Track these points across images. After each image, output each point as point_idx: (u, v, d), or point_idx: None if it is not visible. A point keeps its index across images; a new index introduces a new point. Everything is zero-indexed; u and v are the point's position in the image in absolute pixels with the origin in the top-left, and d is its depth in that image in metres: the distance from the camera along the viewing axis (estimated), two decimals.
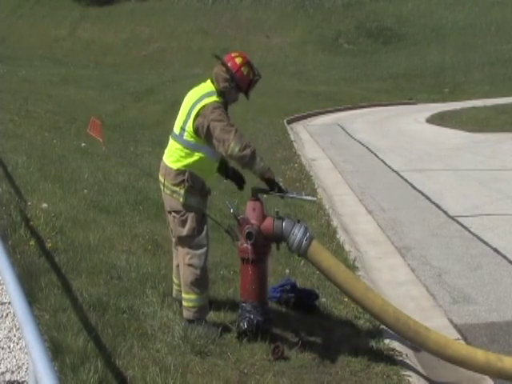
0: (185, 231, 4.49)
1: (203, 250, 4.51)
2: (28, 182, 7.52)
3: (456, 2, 55.10)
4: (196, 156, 4.45)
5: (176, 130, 4.56)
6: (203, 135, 4.39)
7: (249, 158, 4.34)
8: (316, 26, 53.21)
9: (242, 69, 4.46)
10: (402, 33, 51.47)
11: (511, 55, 44.68)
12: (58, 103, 16.72)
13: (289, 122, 21.54)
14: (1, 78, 20.38)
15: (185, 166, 4.45)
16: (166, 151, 4.65)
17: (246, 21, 54.07)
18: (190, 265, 4.51)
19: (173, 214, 4.54)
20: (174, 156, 4.54)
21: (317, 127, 21.67)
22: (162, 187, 4.60)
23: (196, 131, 4.41)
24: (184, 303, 4.60)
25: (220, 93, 4.46)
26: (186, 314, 4.58)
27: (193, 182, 4.44)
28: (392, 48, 49.44)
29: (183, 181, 4.44)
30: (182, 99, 4.65)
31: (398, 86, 40.02)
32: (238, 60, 4.48)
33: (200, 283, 4.51)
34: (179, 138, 4.51)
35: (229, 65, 4.46)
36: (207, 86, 4.55)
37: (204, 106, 4.40)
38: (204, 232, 4.53)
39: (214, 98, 4.44)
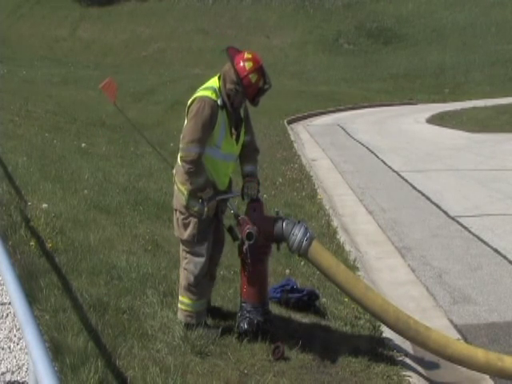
0: (185, 235, 4.39)
1: (201, 260, 4.41)
2: (28, 182, 7.51)
3: (456, 2, 55.12)
4: None
5: None
6: None
7: (186, 173, 4.22)
8: (316, 26, 53.24)
9: (250, 76, 4.17)
10: (402, 33, 51.49)
11: (511, 55, 44.69)
12: (59, 103, 16.73)
13: (289, 123, 21.55)
14: (1, 79, 20.40)
15: None
16: None
17: (246, 21, 54.10)
18: (185, 269, 4.48)
19: (177, 213, 4.44)
20: None
21: (317, 127, 21.67)
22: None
23: None
24: (178, 304, 4.60)
25: (226, 94, 4.26)
26: (179, 315, 4.58)
27: None
28: (392, 48, 49.48)
29: (187, 180, 4.31)
30: (182, 99, 4.64)
31: (398, 87, 40.05)
32: (248, 65, 4.18)
33: (192, 290, 4.45)
34: None
35: (237, 69, 4.19)
36: (211, 81, 4.37)
37: (194, 100, 4.27)
38: (206, 243, 4.39)
39: (207, 93, 4.24)
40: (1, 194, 6.70)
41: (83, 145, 11.02)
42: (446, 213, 9.42)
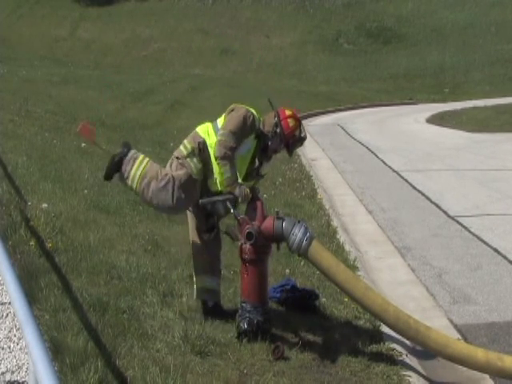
0: (174, 173, 4.61)
1: (165, 199, 4.57)
2: (28, 182, 7.51)
3: (456, 2, 55.11)
4: None
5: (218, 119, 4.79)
6: None
7: (221, 158, 4.46)
8: (316, 26, 53.21)
9: (289, 120, 4.70)
10: (402, 33, 51.47)
11: (511, 55, 44.70)
12: (59, 103, 16.71)
13: None
14: (1, 78, 20.36)
15: (210, 143, 4.60)
16: None
17: (246, 21, 54.07)
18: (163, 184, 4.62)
19: (174, 158, 4.70)
20: (205, 130, 4.71)
21: (317, 127, 21.66)
22: None
23: None
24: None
25: (265, 136, 4.66)
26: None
27: (199, 151, 4.58)
28: (392, 48, 49.47)
29: (197, 143, 4.60)
30: (182, 99, 4.70)
31: (398, 86, 40.04)
32: (288, 112, 4.75)
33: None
34: (215, 124, 4.71)
35: (278, 113, 4.72)
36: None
37: (241, 106, 4.71)
38: (185, 197, 4.58)
39: (254, 111, 4.68)
40: (1, 194, 6.70)
41: (83, 144, 11.01)
42: (445, 213, 9.41)
